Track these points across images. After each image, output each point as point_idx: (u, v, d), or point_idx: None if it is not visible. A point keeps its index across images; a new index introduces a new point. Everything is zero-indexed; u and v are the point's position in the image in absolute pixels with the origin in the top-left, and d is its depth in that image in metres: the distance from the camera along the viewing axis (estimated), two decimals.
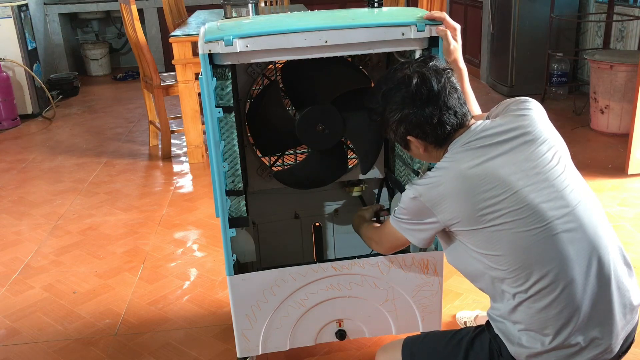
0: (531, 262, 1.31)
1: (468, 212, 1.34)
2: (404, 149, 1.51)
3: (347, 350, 2.08)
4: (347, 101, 1.81)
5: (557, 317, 1.32)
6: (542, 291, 1.32)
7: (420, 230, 1.45)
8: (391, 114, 1.42)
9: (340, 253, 2.20)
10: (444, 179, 1.37)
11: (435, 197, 1.37)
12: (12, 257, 2.90)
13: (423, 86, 1.38)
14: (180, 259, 2.80)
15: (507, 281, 1.35)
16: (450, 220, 1.37)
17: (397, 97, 1.40)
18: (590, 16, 5.04)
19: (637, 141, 3.38)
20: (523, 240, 1.31)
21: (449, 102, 1.39)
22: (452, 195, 1.35)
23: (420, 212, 1.41)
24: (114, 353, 2.16)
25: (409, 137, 1.43)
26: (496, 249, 1.34)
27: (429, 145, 1.44)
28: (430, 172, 1.41)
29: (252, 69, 1.86)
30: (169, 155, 4.24)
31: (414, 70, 1.40)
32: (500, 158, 1.34)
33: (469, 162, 1.35)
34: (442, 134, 1.41)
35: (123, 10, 4.08)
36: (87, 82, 6.87)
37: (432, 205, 1.38)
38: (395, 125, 1.43)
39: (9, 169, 4.15)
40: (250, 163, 1.95)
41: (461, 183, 1.34)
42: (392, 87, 1.42)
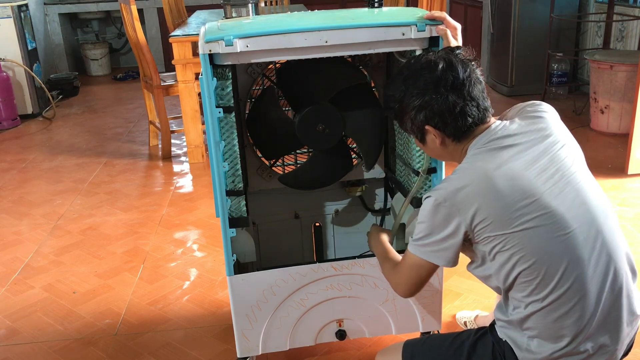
0: (552, 271, 1.28)
1: (500, 214, 1.28)
2: (418, 143, 1.45)
3: (347, 350, 2.08)
4: (345, 99, 1.81)
5: (571, 326, 1.31)
6: (559, 300, 1.29)
7: (446, 247, 1.35)
8: (412, 99, 1.36)
9: (340, 253, 2.20)
10: (469, 179, 1.31)
11: (462, 199, 1.30)
12: (12, 257, 2.90)
13: (449, 72, 1.33)
14: (180, 259, 2.80)
15: (519, 287, 1.32)
16: (480, 224, 1.30)
17: (420, 82, 1.34)
18: (590, 16, 5.04)
19: (637, 141, 3.38)
20: (547, 247, 1.28)
21: (473, 92, 1.34)
22: (481, 197, 1.29)
23: (445, 220, 1.32)
24: (114, 353, 2.16)
25: (427, 126, 1.37)
26: (519, 255, 1.29)
27: (446, 138, 1.38)
28: (452, 175, 1.34)
29: (252, 69, 1.86)
30: (169, 155, 4.24)
31: (439, 56, 1.35)
32: (524, 160, 1.31)
33: (494, 162, 1.30)
34: (462, 125, 1.35)
35: (123, 10, 4.08)
36: (87, 82, 6.87)
37: (458, 210, 1.30)
38: (415, 112, 1.36)
39: (9, 169, 4.15)
40: (250, 163, 1.95)
41: (489, 184, 1.29)
42: (415, 71, 1.36)
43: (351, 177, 2.03)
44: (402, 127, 1.45)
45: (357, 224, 2.19)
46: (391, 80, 1.44)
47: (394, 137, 1.94)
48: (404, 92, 1.37)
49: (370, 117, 1.87)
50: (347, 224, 2.19)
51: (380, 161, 2.04)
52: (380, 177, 2.08)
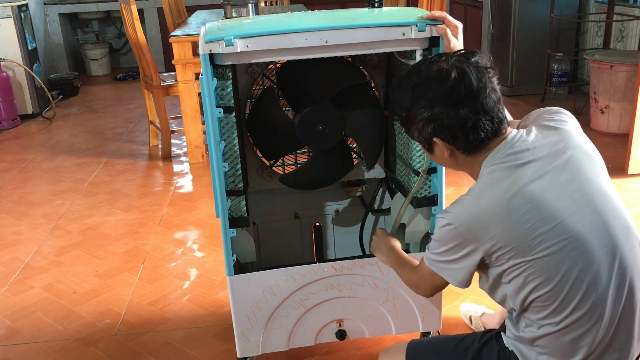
0: (571, 295, 1.23)
1: (519, 241, 1.21)
2: (426, 151, 1.39)
3: (347, 350, 2.08)
4: (345, 99, 1.81)
5: (585, 346, 1.27)
6: (575, 323, 1.25)
7: (459, 268, 1.30)
8: (419, 111, 1.27)
9: (340, 253, 2.20)
10: (486, 204, 1.24)
11: (479, 226, 1.23)
12: (12, 257, 2.89)
13: (461, 83, 1.23)
14: (180, 259, 2.80)
15: (535, 310, 1.28)
16: (498, 251, 1.24)
17: (429, 93, 1.26)
18: (590, 16, 5.04)
19: (637, 141, 3.38)
20: (567, 272, 1.22)
21: (487, 104, 1.25)
22: (499, 223, 1.22)
23: (460, 244, 1.27)
24: (114, 353, 2.16)
25: (435, 138, 1.30)
26: (538, 280, 1.24)
27: (456, 151, 1.31)
28: (468, 196, 1.28)
29: (252, 69, 1.86)
30: (169, 155, 4.24)
31: (452, 64, 1.26)
32: (544, 180, 1.23)
33: (512, 184, 1.23)
34: (474, 140, 1.27)
35: (123, 10, 4.08)
36: (87, 82, 6.87)
37: (474, 236, 1.24)
38: (423, 124, 1.28)
39: (9, 169, 4.15)
40: (250, 163, 1.95)
41: (508, 209, 1.21)
42: (425, 80, 1.27)
43: (351, 177, 2.03)
44: (409, 134, 1.38)
45: (357, 224, 2.19)
46: (398, 85, 1.35)
47: (394, 137, 1.94)
48: (412, 102, 1.29)
49: (370, 117, 1.87)
50: (347, 224, 2.18)
51: (380, 161, 2.04)
52: (380, 177, 2.08)
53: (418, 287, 1.51)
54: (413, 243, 1.98)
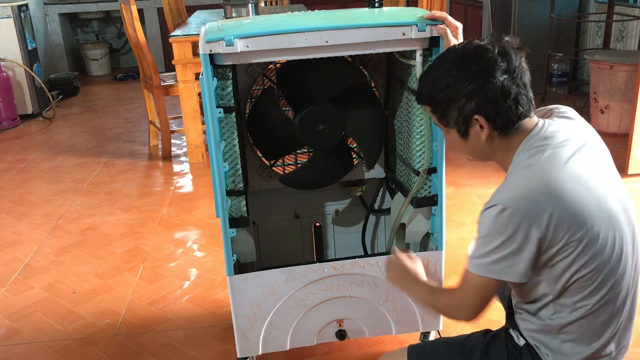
0: (610, 274, 1.27)
1: (573, 217, 1.22)
2: (456, 139, 1.35)
3: (347, 350, 2.08)
4: (345, 99, 1.81)
5: (609, 329, 1.32)
6: (608, 304, 1.29)
7: (518, 260, 1.24)
8: (463, 85, 1.26)
9: (340, 253, 2.20)
10: (537, 181, 1.23)
11: (533, 204, 1.21)
12: (12, 257, 2.89)
13: (503, 57, 1.26)
14: (180, 259, 2.80)
15: (572, 293, 1.29)
16: (555, 229, 1.21)
17: (473, 65, 1.25)
18: (590, 16, 5.04)
19: (637, 141, 3.38)
20: (608, 251, 1.25)
21: (524, 80, 1.28)
22: (553, 200, 1.21)
23: (516, 229, 1.21)
24: (114, 353, 2.16)
25: (477, 116, 1.27)
26: (583, 260, 1.25)
27: (493, 132, 1.30)
28: (513, 180, 1.26)
29: (252, 69, 1.86)
30: (169, 155, 4.24)
31: (489, 41, 1.28)
32: (580, 160, 1.27)
33: (556, 162, 1.24)
34: (513, 116, 1.27)
35: (123, 10, 4.08)
36: (87, 82, 6.87)
37: (532, 216, 1.20)
38: (465, 99, 1.26)
39: (9, 169, 4.15)
40: (250, 163, 1.95)
41: (559, 187, 1.22)
42: (466, 55, 1.27)
43: (351, 177, 2.03)
44: (441, 120, 1.34)
45: (357, 224, 2.19)
46: (433, 68, 1.34)
47: (394, 137, 1.94)
48: (455, 78, 1.27)
49: (370, 117, 1.87)
50: (347, 224, 2.19)
51: (380, 161, 2.04)
52: (380, 177, 2.09)
53: (463, 309, 1.35)
54: (413, 243, 1.98)
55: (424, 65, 1.64)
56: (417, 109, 1.71)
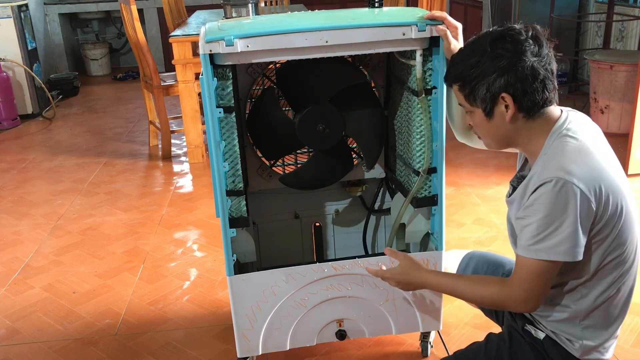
0: (631, 257, 1.37)
1: (615, 189, 1.28)
2: (483, 119, 1.37)
3: (347, 350, 2.08)
4: (345, 99, 1.81)
5: (625, 310, 1.42)
6: (625, 286, 1.39)
7: (579, 236, 1.25)
8: (495, 61, 1.29)
9: (340, 253, 2.20)
10: (579, 154, 1.27)
11: (588, 174, 1.24)
12: (12, 257, 2.89)
13: (536, 40, 1.30)
14: (180, 259, 2.80)
15: (604, 274, 1.36)
16: (606, 198, 1.26)
17: (507, 44, 1.29)
18: (590, 16, 5.04)
19: (637, 141, 3.38)
20: (632, 232, 1.35)
21: (552, 66, 1.33)
22: (598, 172, 1.26)
23: (577, 205, 1.23)
24: (114, 353, 2.16)
25: (504, 94, 1.31)
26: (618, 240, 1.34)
27: (518, 113, 1.33)
28: (560, 157, 1.27)
29: (252, 69, 1.86)
30: (169, 155, 4.24)
31: (524, 26, 1.33)
32: (602, 150, 1.34)
33: (592, 144, 1.31)
34: (540, 99, 1.31)
35: (123, 10, 4.08)
36: (87, 82, 6.87)
37: (590, 190, 1.24)
38: (496, 75, 1.30)
39: (9, 169, 4.15)
40: (250, 163, 1.95)
41: (598, 161, 1.28)
42: (501, 34, 1.31)
43: (351, 177, 2.03)
44: (468, 98, 1.37)
45: (357, 224, 2.19)
46: (464, 48, 1.38)
47: (394, 137, 1.94)
48: (488, 54, 1.30)
49: (370, 117, 1.87)
50: (347, 224, 2.19)
51: (380, 161, 2.04)
52: (380, 177, 2.09)
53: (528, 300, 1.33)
54: (413, 243, 1.98)
55: (424, 65, 1.64)
56: (417, 109, 1.71)
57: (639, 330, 2.12)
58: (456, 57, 1.40)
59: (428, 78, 1.66)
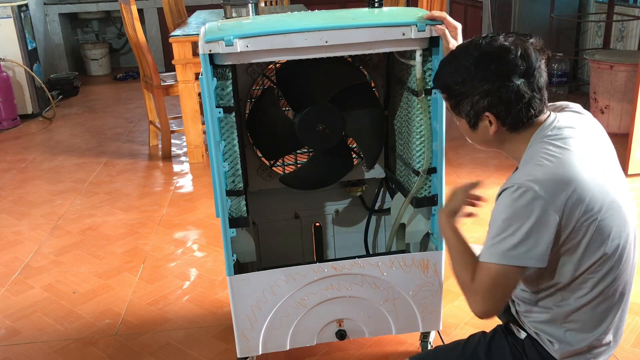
0: (612, 267, 1.32)
1: (593, 191, 1.25)
2: (465, 129, 1.39)
3: (347, 350, 2.08)
4: (345, 99, 1.81)
5: (607, 318, 1.37)
6: (609, 291, 1.34)
7: (541, 242, 1.24)
8: (480, 83, 1.29)
9: (340, 253, 2.20)
10: (552, 164, 1.25)
11: (554, 185, 1.23)
12: (12, 257, 2.89)
13: (523, 60, 1.28)
14: (180, 259, 2.80)
15: (582, 280, 1.33)
16: (572, 209, 1.24)
17: (492, 66, 1.28)
18: (590, 16, 5.04)
19: (637, 141, 3.38)
20: (614, 238, 1.30)
21: (540, 83, 1.30)
22: (570, 181, 1.23)
23: (541, 211, 1.22)
24: (114, 353, 2.16)
25: (487, 113, 1.31)
26: (594, 246, 1.29)
27: (502, 128, 1.33)
28: (531, 165, 1.27)
29: (252, 69, 1.86)
30: (169, 155, 4.23)
31: (513, 41, 1.29)
32: (592, 150, 1.32)
33: (571, 149, 1.28)
34: (524, 117, 1.31)
35: (123, 10, 4.08)
36: (87, 82, 6.87)
37: (549, 196, 1.22)
38: (479, 97, 1.29)
39: (9, 169, 4.15)
40: (250, 163, 1.95)
41: (573, 169, 1.25)
42: (488, 54, 1.29)
43: (351, 177, 2.03)
44: (453, 108, 1.38)
45: (357, 224, 2.19)
46: (454, 58, 1.35)
47: (394, 137, 1.94)
48: (473, 75, 1.30)
49: (370, 117, 1.87)
50: (347, 224, 2.19)
51: (380, 161, 2.04)
52: (380, 177, 2.08)
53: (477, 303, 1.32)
54: (413, 243, 1.98)
55: (424, 65, 1.64)
56: (417, 109, 1.71)
57: (639, 330, 2.12)
58: (444, 66, 1.38)
59: (428, 78, 1.66)
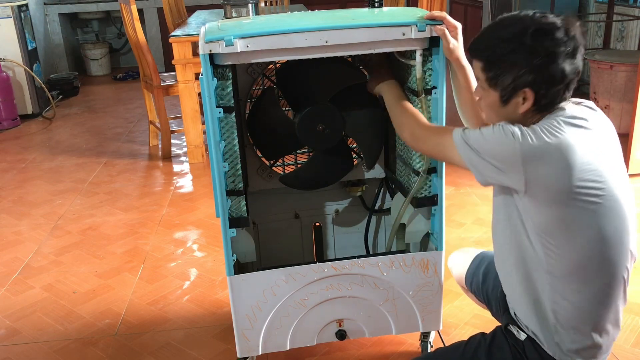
0: (604, 257, 1.32)
1: (563, 185, 1.26)
2: (497, 103, 1.37)
3: (347, 350, 2.08)
4: (345, 99, 1.81)
5: (606, 316, 1.38)
6: (605, 290, 1.35)
7: (490, 172, 1.32)
8: (531, 57, 1.27)
9: (340, 253, 2.20)
10: (553, 141, 1.26)
11: (536, 152, 1.25)
12: (12, 257, 2.89)
13: (572, 42, 1.27)
14: (180, 259, 2.80)
15: (566, 279, 1.34)
16: (535, 185, 1.27)
17: (546, 43, 1.26)
18: (590, 16, 5.04)
19: (637, 141, 3.38)
20: (604, 231, 1.30)
21: (579, 67, 1.31)
22: (554, 161, 1.25)
23: (506, 158, 1.28)
24: (114, 353, 2.16)
25: (528, 89, 1.30)
26: (570, 234, 1.30)
27: (531, 108, 1.33)
28: (536, 133, 1.28)
29: (252, 69, 1.86)
30: (169, 155, 4.24)
31: (565, 21, 1.29)
32: (598, 144, 1.31)
33: (576, 137, 1.28)
34: (559, 98, 1.32)
35: (123, 10, 4.08)
36: (87, 82, 6.87)
37: (525, 159, 1.26)
38: (526, 71, 1.28)
39: (9, 169, 4.15)
40: (250, 163, 1.95)
41: (568, 154, 1.26)
42: (544, 29, 1.27)
43: (351, 177, 2.03)
44: (489, 80, 1.35)
45: (357, 224, 2.19)
46: (502, 27, 1.34)
47: (394, 137, 1.94)
48: (525, 47, 1.27)
49: (370, 117, 1.87)
50: (347, 224, 2.19)
51: (380, 161, 2.04)
52: (380, 177, 2.09)
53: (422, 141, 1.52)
54: (413, 243, 1.98)
55: (424, 65, 1.64)
56: (417, 108, 1.70)
57: (639, 330, 2.12)
58: (490, 34, 1.35)
59: (428, 78, 1.66)
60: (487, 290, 1.73)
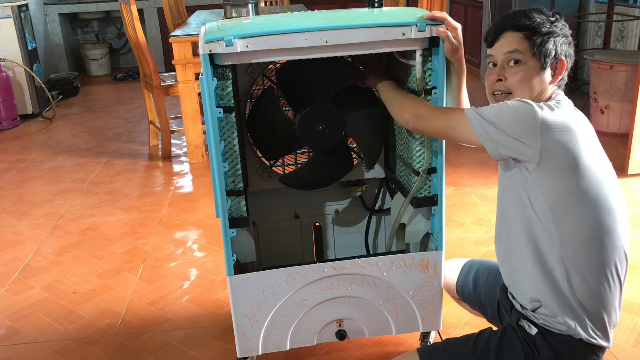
0: (611, 229, 1.40)
1: (576, 153, 1.36)
2: (535, 70, 1.48)
3: (347, 350, 2.08)
4: (345, 99, 1.81)
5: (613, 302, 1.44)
6: (615, 265, 1.42)
7: (507, 142, 1.39)
8: (565, 27, 1.49)
9: (340, 253, 2.20)
10: (567, 113, 1.39)
11: (554, 119, 1.35)
12: (12, 257, 2.90)
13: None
14: (180, 259, 2.80)
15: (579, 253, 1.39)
16: (551, 152, 1.35)
17: (566, 23, 1.49)
18: (590, 16, 5.04)
19: (637, 141, 3.38)
20: (610, 202, 1.39)
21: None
22: (569, 131, 1.36)
23: (524, 127, 1.36)
24: (114, 353, 2.16)
25: (563, 57, 1.48)
26: (581, 205, 1.38)
27: (555, 80, 1.48)
28: (550, 106, 1.39)
29: (252, 69, 1.87)
30: (169, 155, 4.24)
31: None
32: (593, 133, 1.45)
33: (582, 117, 1.43)
34: (566, 79, 1.50)
35: (123, 10, 4.09)
36: (87, 82, 6.87)
37: (543, 126, 1.35)
38: (564, 39, 1.48)
39: (9, 169, 4.15)
40: (250, 163, 1.95)
41: (581, 127, 1.39)
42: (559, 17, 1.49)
43: (351, 177, 2.03)
44: (536, 47, 1.46)
45: (357, 224, 2.19)
46: (529, 7, 1.51)
47: (394, 137, 1.94)
48: (559, 20, 1.49)
49: (370, 117, 1.87)
50: (347, 224, 2.19)
51: (380, 161, 2.04)
52: (380, 177, 2.09)
53: (429, 118, 1.55)
54: (413, 243, 1.98)
55: (424, 65, 1.64)
56: None
57: (639, 330, 2.12)
58: (526, 10, 1.50)
59: (428, 78, 1.66)
60: (479, 297, 1.75)
